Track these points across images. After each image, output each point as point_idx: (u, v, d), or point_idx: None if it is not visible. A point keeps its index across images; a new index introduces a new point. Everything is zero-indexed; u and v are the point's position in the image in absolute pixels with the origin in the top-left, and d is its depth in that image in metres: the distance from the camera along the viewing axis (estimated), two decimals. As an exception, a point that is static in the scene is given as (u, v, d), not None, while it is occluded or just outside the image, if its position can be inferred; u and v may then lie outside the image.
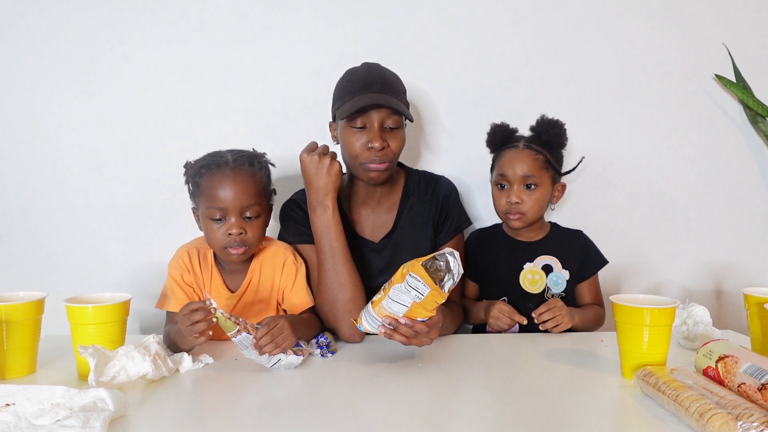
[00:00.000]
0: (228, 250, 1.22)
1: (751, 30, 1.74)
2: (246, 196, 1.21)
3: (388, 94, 1.30)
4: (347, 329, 1.27)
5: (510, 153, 1.43)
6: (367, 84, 1.30)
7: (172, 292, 1.25)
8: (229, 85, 1.67)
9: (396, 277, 1.03)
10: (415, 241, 1.42)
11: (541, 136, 1.43)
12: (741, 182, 1.78)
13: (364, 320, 1.08)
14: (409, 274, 0.99)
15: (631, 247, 1.76)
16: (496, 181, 1.44)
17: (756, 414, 0.73)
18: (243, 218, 1.22)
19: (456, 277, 1.01)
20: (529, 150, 1.41)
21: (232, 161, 1.23)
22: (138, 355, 0.99)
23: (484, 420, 0.86)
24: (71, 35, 1.65)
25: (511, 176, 1.41)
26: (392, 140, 1.31)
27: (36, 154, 1.67)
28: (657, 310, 1.00)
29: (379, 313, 1.05)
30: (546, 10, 1.70)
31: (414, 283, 0.99)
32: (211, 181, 1.21)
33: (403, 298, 1.01)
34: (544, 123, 1.44)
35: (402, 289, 1.00)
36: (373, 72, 1.33)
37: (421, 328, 1.06)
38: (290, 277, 1.31)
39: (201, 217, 1.25)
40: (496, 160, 1.47)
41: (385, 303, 1.04)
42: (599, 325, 1.45)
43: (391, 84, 1.33)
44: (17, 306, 1.04)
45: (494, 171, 1.48)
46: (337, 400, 0.95)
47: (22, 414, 0.81)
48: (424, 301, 1.01)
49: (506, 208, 1.43)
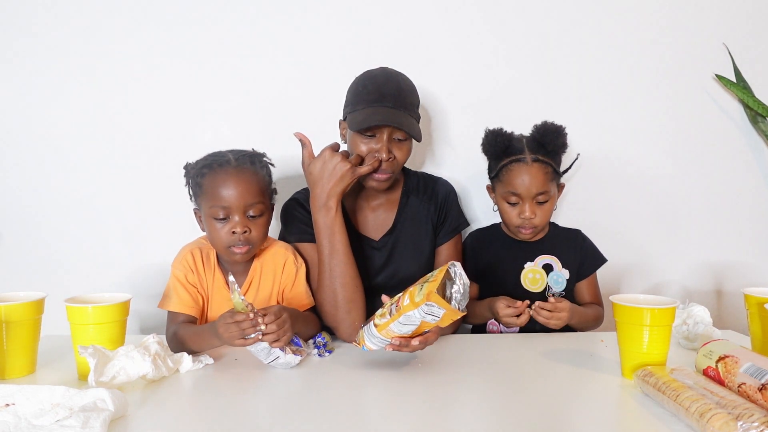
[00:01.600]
0: (232, 249, 1.22)
1: (751, 30, 1.74)
2: (249, 195, 1.21)
3: (401, 109, 1.30)
4: (347, 329, 1.27)
5: (519, 169, 1.38)
6: (381, 96, 1.30)
7: (175, 291, 1.25)
8: (230, 86, 1.67)
9: (405, 306, 1.01)
10: (415, 240, 1.42)
11: (546, 146, 1.39)
12: (741, 182, 1.78)
13: (367, 341, 1.07)
14: (425, 304, 0.97)
15: (631, 247, 1.76)
16: (507, 197, 1.42)
17: (756, 414, 0.73)
18: (247, 217, 1.22)
19: (464, 288, 1.00)
20: (538, 164, 1.38)
21: (234, 160, 1.23)
22: (138, 355, 0.99)
23: (484, 420, 0.86)
24: (73, 36, 1.65)
25: (524, 194, 1.39)
26: (399, 151, 1.32)
27: (36, 154, 1.67)
28: (657, 310, 1.00)
29: (386, 335, 1.05)
30: (546, 10, 1.70)
31: (429, 309, 0.98)
32: (214, 180, 1.21)
33: (415, 320, 1.01)
34: (548, 132, 1.39)
35: (415, 315, 0.99)
36: (389, 82, 1.32)
37: (432, 339, 1.10)
38: (290, 277, 1.31)
39: (204, 217, 1.25)
40: (503, 174, 1.41)
41: (394, 327, 1.03)
42: (598, 324, 1.45)
43: (406, 97, 1.32)
44: (17, 306, 1.04)
45: (500, 183, 1.43)
46: (337, 400, 0.95)
47: (22, 414, 0.81)
48: (440, 321, 1.01)
49: (519, 223, 1.41)
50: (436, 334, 1.10)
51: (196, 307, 1.25)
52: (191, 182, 1.27)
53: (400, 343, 1.05)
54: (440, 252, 1.44)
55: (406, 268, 1.40)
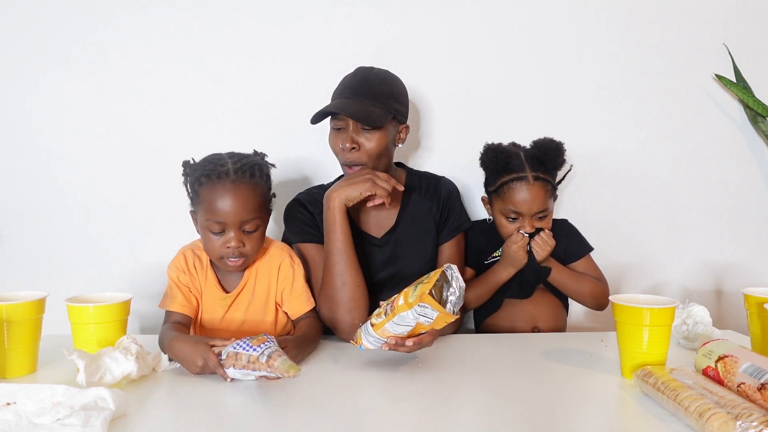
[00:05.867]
0: (225, 260, 1.22)
1: (751, 30, 1.74)
2: (246, 211, 1.20)
3: (361, 97, 1.32)
4: (346, 327, 1.27)
5: (521, 188, 1.39)
6: (344, 88, 1.36)
7: (170, 291, 1.26)
8: (230, 87, 1.67)
9: (400, 306, 1.01)
10: (417, 237, 1.42)
11: (547, 164, 1.41)
12: (741, 182, 1.78)
13: (364, 340, 1.08)
14: (418, 305, 0.98)
15: (631, 247, 1.76)
16: (506, 214, 1.42)
17: (755, 414, 0.73)
18: (242, 232, 1.21)
19: (459, 291, 1.00)
20: (539, 183, 1.39)
21: (234, 172, 1.20)
22: (120, 356, 0.99)
23: (483, 420, 0.87)
24: (72, 37, 1.65)
25: (525, 212, 1.40)
26: (366, 141, 1.33)
27: (36, 154, 1.67)
28: (657, 310, 1.00)
29: (382, 335, 1.05)
30: (546, 10, 1.70)
31: (422, 311, 0.99)
32: (211, 193, 1.19)
33: (409, 321, 1.01)
34: (549, 149, 1.41)
35: (409, 316, 1.00)
36: (356, 76, 1.37)
37: (427, 341, 1.09)
38: (288, 279, 1.30)
39: (199, 225, 1.24)
40: (504, 192, 1.41)
41: (389, 326, 1.04)
42: (596, 298, 1.44)
43: (370, 87, 1.34)
44: (18, 306, 1.04)
45: (499, 200, 1.43)
46: (336, 400, 0.95)
47: (22, 413, 0.82)
48: (433, 323, 1.01)
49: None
50: (431, 336, 1.10)
51: (189, 307, 1.25)
52: (189, 185, 1.25)
53: (396, 343, 1.05)
54: (443, 250, 1.44)
55: (408, 266, 1.40)
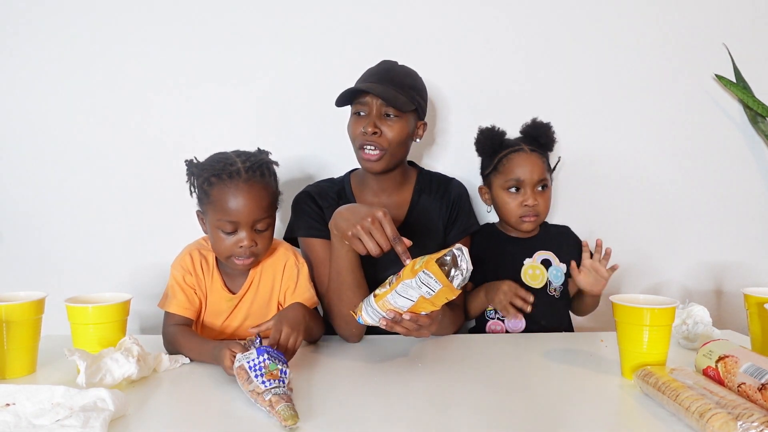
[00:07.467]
0: (235, 260, 1.22)
1: (751, 30, 1.74)
2: (259, 210, 1.20)
3: (386, 84, 1.31)
4: (345, 333, 1.28)
5: (520, 158, 1.42)
6: (369, 75, 1.35)
7: (173, 292, 1.25)
8: (231, 86, 1.67)
9: (405, 272, 1.01)
10: (425, 238, 1.41)
11: (540, 139, 1.46)
12: (741, 182, 1.78)
13: (364, 312, 1.06)
14: (422, 271, 0.97)
15: (631, 247, 1.76)
16: (509, 185, 1.43)
17: (756, 414, 0.73)
18: (254, 231, 1.21)
19: (466, 273, 0.98)
20: (535, 153, 1.44)
21: (245, 171, 1.19)
22: (122, 357, 0.99)
23: (483, 420, 0.86)
24: (73, 36, 1.65)
25: (527, 180, 1.41)
26: (388, 128, 1.31)
27: (36, 154, 1.67)
28: (657, 310, 1.00)
29: (382, 307, 1.03)
30: (547, 9, 1.70)
31: (426, 279, 0.97)
32: (223, 192, 1.18)
33: (411, 294, 1.00)
34: (538, 127, 1.47)
35: (412, 284, 0.98)
36: (381, 66, 1.38)
37: (425, 322, 1.05)
38: (292, 279, 1.30)
39: (209, 225, 1.23)
40: (502, 165, 1.44)
41: (390, 297, 1.02)
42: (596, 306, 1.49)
43: (395, 76, 1.34)
44: (17, 306, 1.04)
45: (499, 175, 1.45)
46: (336, 400, 0.95)
47: (22, 414, 0.81)
48: (434, 297, 0.99)
49: (522, 212, 1.43)
50: (430, 319, 1.06)
51: (192, 309, 1.25)
52: (197, 186, 1.24)
53: (393, 317, 1.02)
54: None
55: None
